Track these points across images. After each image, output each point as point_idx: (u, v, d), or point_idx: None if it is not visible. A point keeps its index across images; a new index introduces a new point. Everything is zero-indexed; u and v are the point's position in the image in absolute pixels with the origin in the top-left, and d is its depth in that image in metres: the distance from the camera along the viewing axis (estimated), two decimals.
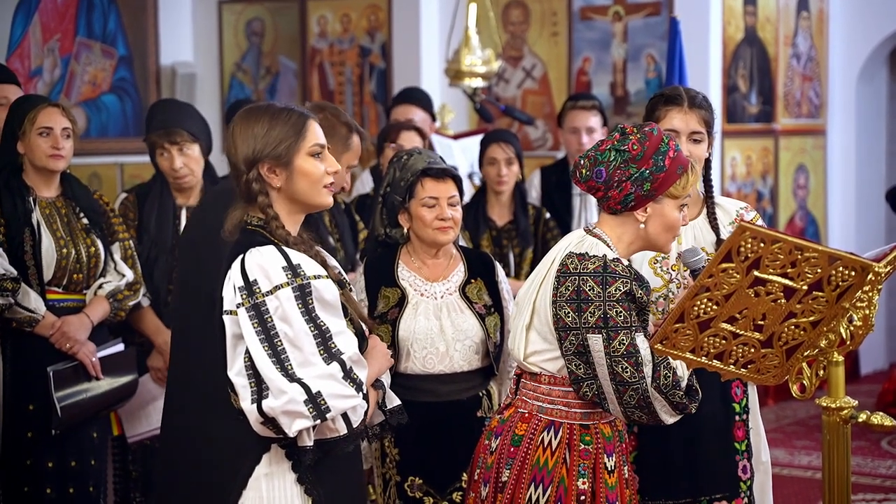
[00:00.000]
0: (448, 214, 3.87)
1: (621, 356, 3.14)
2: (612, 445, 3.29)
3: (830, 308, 2.93)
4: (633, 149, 3.21)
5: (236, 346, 2.91)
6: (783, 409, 8.18)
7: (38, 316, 4.47)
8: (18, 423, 4.50)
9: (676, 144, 3.27)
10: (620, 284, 3.15)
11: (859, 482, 6.42)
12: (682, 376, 3.17)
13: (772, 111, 8.52)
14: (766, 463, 3.87)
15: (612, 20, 8.21)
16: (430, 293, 3.91)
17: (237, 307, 2.89)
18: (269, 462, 2.97)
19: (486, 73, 7.26)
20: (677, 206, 3.26)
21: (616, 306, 3.14)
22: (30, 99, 4.75)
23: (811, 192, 8.95)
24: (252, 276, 2.88)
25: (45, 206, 4.59)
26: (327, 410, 2.84)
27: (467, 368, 3.88)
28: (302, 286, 2.88)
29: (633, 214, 3.25)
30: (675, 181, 3.22)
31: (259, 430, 2.89)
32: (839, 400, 3.02)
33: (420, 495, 3.87)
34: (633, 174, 3.20)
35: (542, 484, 3.26)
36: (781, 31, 8.50)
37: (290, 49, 9.01)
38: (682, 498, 3.73)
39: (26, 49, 7.69)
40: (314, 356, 2.86)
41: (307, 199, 3.04)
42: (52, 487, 4.52)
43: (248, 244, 2.94)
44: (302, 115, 3.03)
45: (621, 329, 3.14)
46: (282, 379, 2.82)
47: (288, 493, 2.96)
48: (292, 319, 2.85)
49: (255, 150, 2.99)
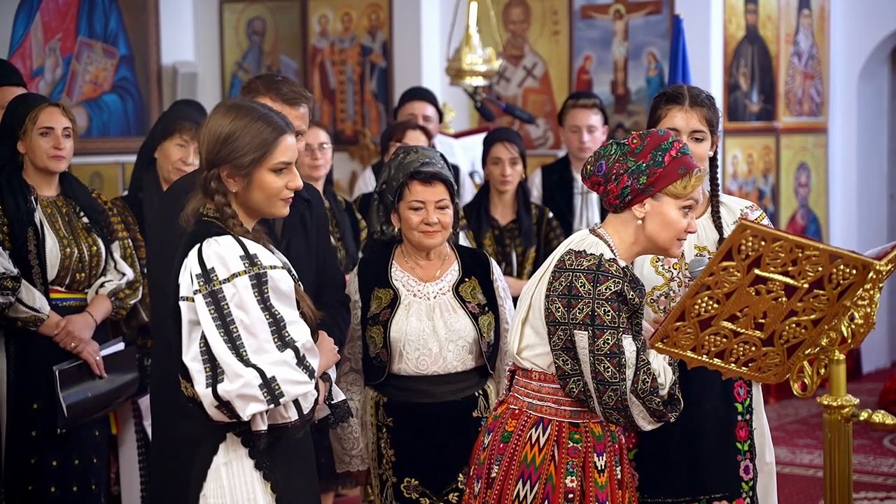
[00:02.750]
0: (434, 219, 3.83)
1: (604, 355, 3.14)
2: (602, 445, 3.28)
3: (831, 306, 2.92)
4: (633, 143, 3.25)
5: (191, 332, 2.97)
6: (785, 408, 8.18)
7: (43, 315, 4.48)
8: (23, 422, 4.52)
9: (684, 148, 3.26)
10: (612, 284, 3.15)
11: (861, 480, 6.42)
12: (662, 384, 3.16)
13: (773, 109, 8.51)
14: (771, 464, 3.85)
15: (612, 18, 8.21)
16: (423, 294, 3.89)
17: (194, 294, 2.94)
18: (226, 451, 3.03)
19: (487, 72, 7.26)
20: (678, 207, 3.24)
21: (604, 305, 3.14)
22: (28, 98, 4.75)
23: (812, 190, 8.95)
24: (209, 265, 2.94)
25: (47, 206, 4.60)
26: (281, 395, 2.90)
27: (461, 369, 3.86)
28: (258, 275, 2.94)
29: (632, 211, 3.25)
30: (674, 180, 3.21)
31: (213, 413, 2.94)
32: (840, 398, 3.01)
33: (416, 496, 3.85)
34: (631, 167, 3.21)
35: (530, 481, 3.27)
36: (783, 29, 8.50)
37: (291, 48, 9.02)
38: (682, 496, 3.73)
39: (28, 49, 7.70)
40: (268, 343, 2.92)
41: (260, 210, 3.10)
42: (57, 486, 4.53)
43: (205, 234, 3.00)
44: (275, 130, 3.05)
45: (607, 328, 3.14)
46: (237, 363, 2.88)
47: (247, 478, 3.02)
48: (248, 307, 2.91)
49: (220, 154, 3.03)
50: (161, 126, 5.04)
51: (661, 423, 3.22)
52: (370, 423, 3.92)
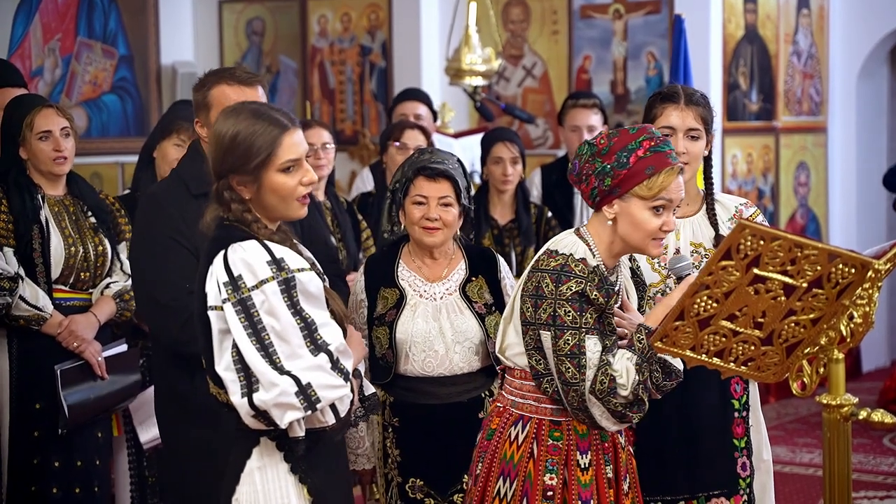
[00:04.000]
0: (434, 215, 3.81)
1: (565, 356, 3.14)
2: (586, 443, 3.26)
3: (830, 305, 2.93)
4: (601, 143, 3.22)
5: (223, 342, 2.93)
6: (784, 407, 8.18)
7: (46, 314, 4.48)
8: (25, 423, 4.52)
9: (659, 146, 3.19)
10: (573, 284, 3.14)
11: (861, 479, 6.42)
12: (624, 384, 3.12)
13: (772, 109, 8.52)
14: (768, 461, 3.86)
15: (612, 18, 8.21)
16: (430, 294, 3.87)
17: (223, 303, 2.90)
18: (260, 455, 2.99)
19: (487, 72, 7.26)
20: (647, 208, 3.18)
21: (565, 305, 3.14)
22: (23, 101, 4.73)
23: (812, 189, 8.95)
24: (236, 272, 2.89)
25: (54, 204, 4.60)
26: (317, 401, 2.86)
27: (467, 370, 3.84)
28: (287, 280, 2.89)
29: (603, 212, 3.24)
30: (640, 181, 3.16)
31: (250, 423, 2.90)
32: (839, 397, 3.01)
33: (421, 497, 3.85)
34: (598, 168, 3.20)
35: (509, 478, 3.27)
36: (782, 29, 8.50)
37: (290, 48, 9.02)
38: (679, 494, 3.73)
39: (27, 49, 7.70)
40: (301, 348, 2.87)
41: (277, 213, 3.03)
42: (59, 487, 4.53)
43: (228, 238, 2.95)
44: (276, 128, 2.97)
45: (568, 329, 3.13)
46: (272, 372, 2.84)
47: (282, 483, 2.98)
48: (279, 313, 2.86)
49: (225, 163, 2.98)
50: (160, 126, 5.03)
51: (624, 423, 3.19)
52: (376, 422, 3.91)
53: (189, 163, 3.76)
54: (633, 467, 3.40)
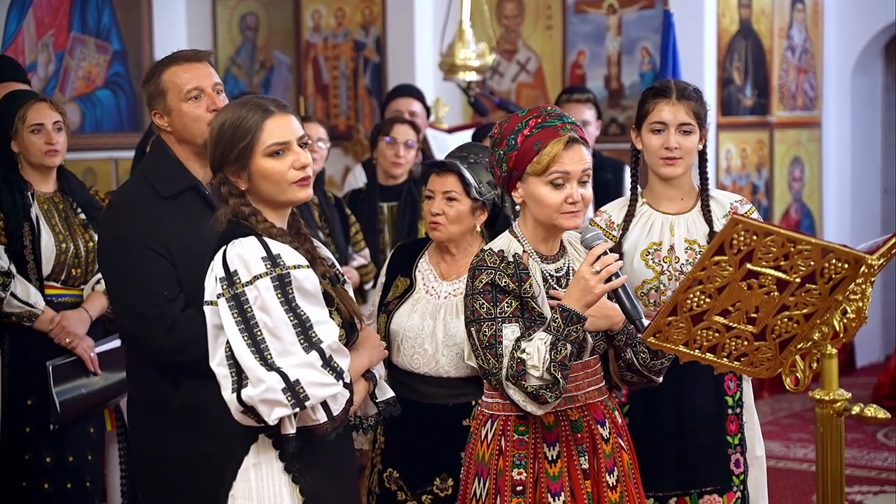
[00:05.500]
0: (437, 209, 3.78)
1: (485, 347, 3.14)
2: (553, 434, 3.23)
3: (823, 300, 2.92)
4: (495, 132, 3.25)
5: (217, 337, 2.92)
6: (778, 402, 8.19)
7: (38, 311, 4.47)
8: (17, 418, 4.51)
9: (543, 122, 3.16)
10: (484, 276, 3.16)
11: (855, 475, 6.43)
12: (535, 365, 3.07)
13: (767, 104, 8.52)
14: (761, 458, 3.86)
15: (606, 13, 8.21)
16: (436, 291, 3.83)
17: (217, 297, 2.90)
18: (256, 452, 2.99)
19: (481, 67, 7.26)
20: (545, 183, 3.16)
21: (479, 298, 3.16)
22: (16, 96, 4.72)
23: (806, 184, 8.95)
24: (232, 267, 2.89)
25: (44, 201, 4.60)
26: (306, 398, 2.84)
27: (454, 375, 3.77)
28: (281, 276, 2.88)
29: (513, 198, 3.26)
30: (530, 158, 3.16)
31: (240, 418, 2.90)
32: (832, 392, 3.01)
33: (395, 489, 3.83)
34: (497, 157, 3.23)
35: (482, 477, 3.27)
36: (776, 24, 8.50)
37: (284, 43, 9.01)
38: (672, 490, 3.73)
39: (20, 44, 7.69)
40: (293, 345, 2.86)
41: (276, 199, 3.01)
42: (50, 482, 4.53)
43: (231, 235, 2.95)
44: (259, 113, 2.97)
45: (485, 321, 3.14)
46: (260, 368, 2.83)
47: (276, 482, 2.97)
48: (271, 309, 2.86)
49: (217, 157, 3.00)
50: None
51: (542, 404, 3.11)
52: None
53: (154, 160, 3.64)
54: (622, 461, 3.34)
